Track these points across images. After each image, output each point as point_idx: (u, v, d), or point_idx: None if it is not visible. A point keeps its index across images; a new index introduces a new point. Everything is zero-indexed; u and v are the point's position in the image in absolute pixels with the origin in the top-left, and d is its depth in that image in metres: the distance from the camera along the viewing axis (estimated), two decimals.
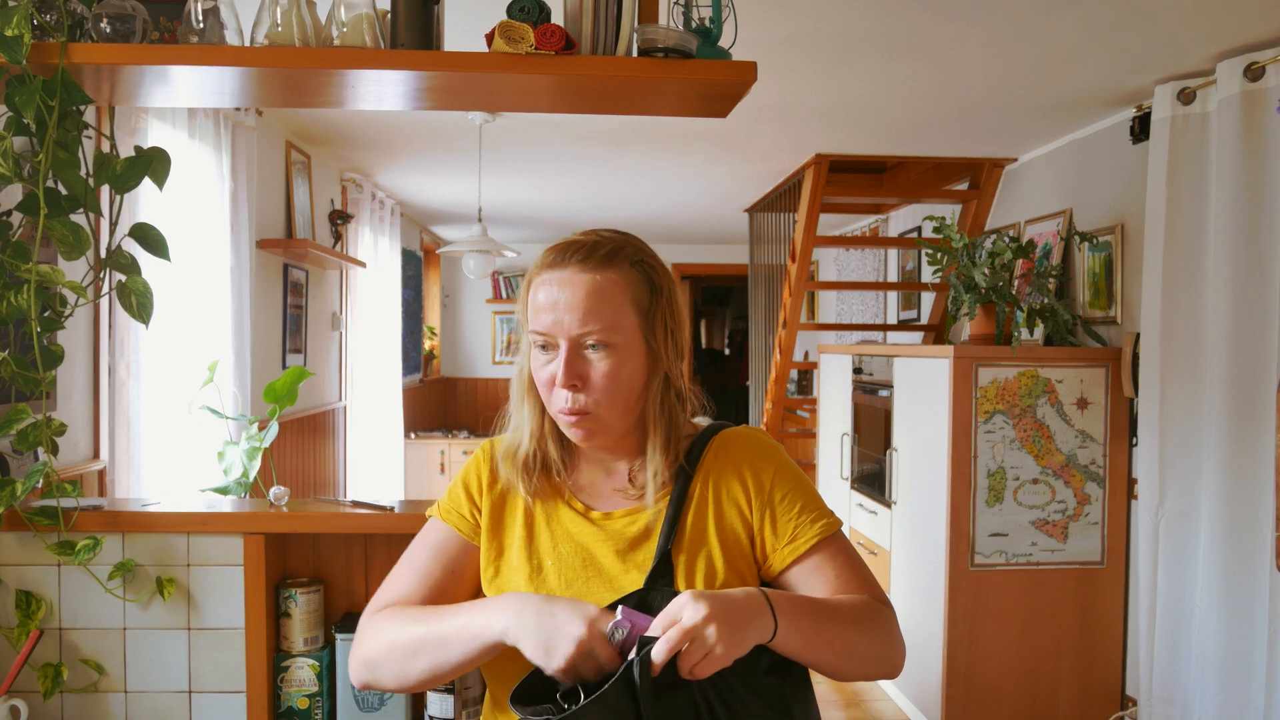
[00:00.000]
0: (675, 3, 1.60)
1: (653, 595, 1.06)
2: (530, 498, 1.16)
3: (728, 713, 0.99)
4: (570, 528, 1.15)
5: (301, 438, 4.08)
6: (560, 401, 1.10)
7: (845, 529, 4.27)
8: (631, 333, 1.10)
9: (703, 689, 0.98)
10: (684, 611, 0.95)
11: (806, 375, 6.95)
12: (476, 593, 1.18)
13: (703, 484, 1.15)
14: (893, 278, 5.66)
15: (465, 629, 1.05)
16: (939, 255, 3.51)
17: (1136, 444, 3.24)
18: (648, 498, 1.13)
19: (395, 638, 1.10)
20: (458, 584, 1.18)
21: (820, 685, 3.65)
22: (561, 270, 1.09)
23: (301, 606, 1.64)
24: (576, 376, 1.08)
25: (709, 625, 0.94)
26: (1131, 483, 3.29)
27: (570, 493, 1.18)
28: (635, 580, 1.10)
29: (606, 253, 1.10)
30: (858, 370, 4.12)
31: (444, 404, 8.01)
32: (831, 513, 1.16)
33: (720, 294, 11.49)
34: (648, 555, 1.11)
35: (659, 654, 0.93)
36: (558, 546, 1.14)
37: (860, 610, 1.08)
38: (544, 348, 1.10)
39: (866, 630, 1.08)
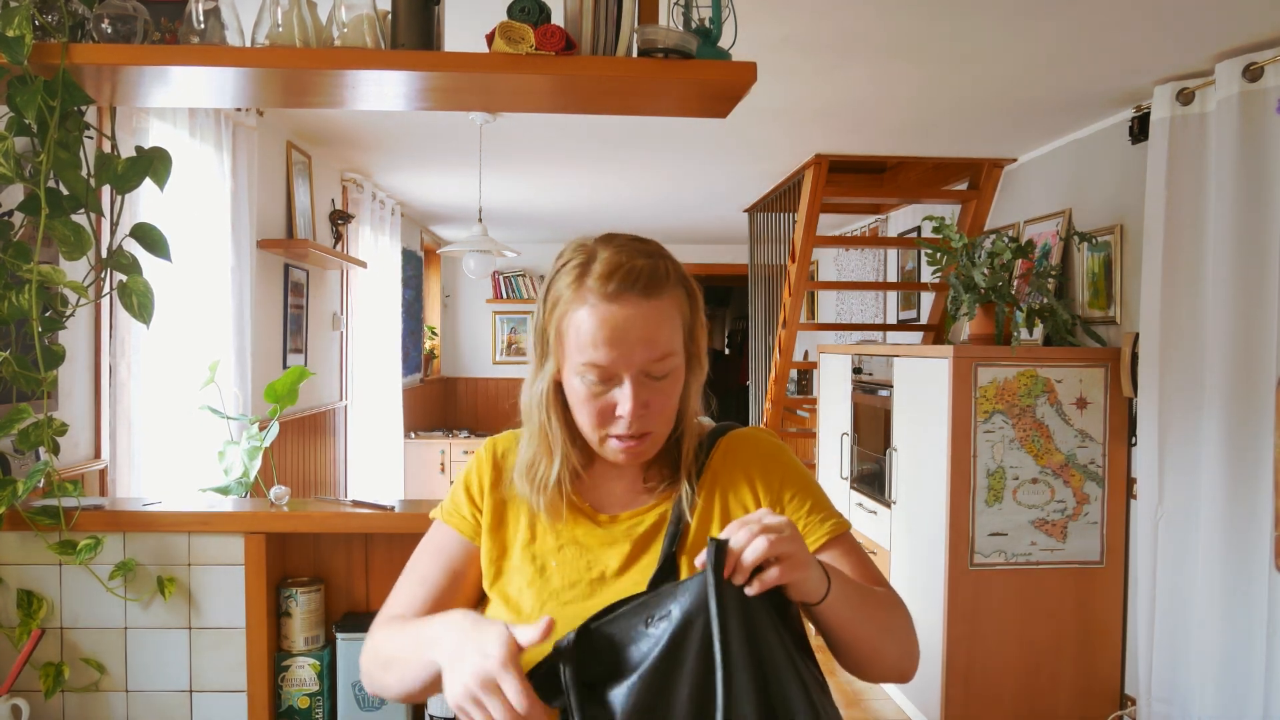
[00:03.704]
0: (675, 3, 1.60)
1: (656, 596, 1.04)
2: (546, 512, 1.14)
3: (784, 653, 0.94)
4: (575, 529, 1.13)
5: (302, 437, 4.08)
6: (620, 428, 1.07)
7: None
8: (681, 351, 1.10)
9: (760, 618, 0.92)
10: (765, 516, 0.92)
11: (806, 375, 6.95)
12: (479, 596, 1.17)
13: (709, 485, 1.14)
14: (892, 278, 5.66)
15: (418, 645, 1.02)
16: (938, 255, 3.51)
17: (1135, 444, 3.24)
18: (684, 497, 1.12)
19: (377, 649, 1.11)
20: (459, 588, 1.17)
21: None
22: (621, 304, 1.04)
23: (302, 606, 1.64)
24: (644, 406, 1.06)
25: (792, 529, 0.92)
26: (1131, 482, 3.29)
27: (575, 492, 1.16)
28: (639, 582, 1.08)
29: (661, 276, 1.06)
30: (857, 370, 4.12)
31: (444, 404, 8.01)
32: (840, 514, 1.15)
33: (720, 294, 11.48)
34: (652, 557, 1.10)
35: (740, 540, 0.89)
36: (562, 548, 1.12)
37: (888, 596, 1.09)
38: (601, 380, 1.06)
39: (895, 614, 1.09)
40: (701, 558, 0.90)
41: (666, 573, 1.08)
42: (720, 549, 0.89)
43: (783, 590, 0.93)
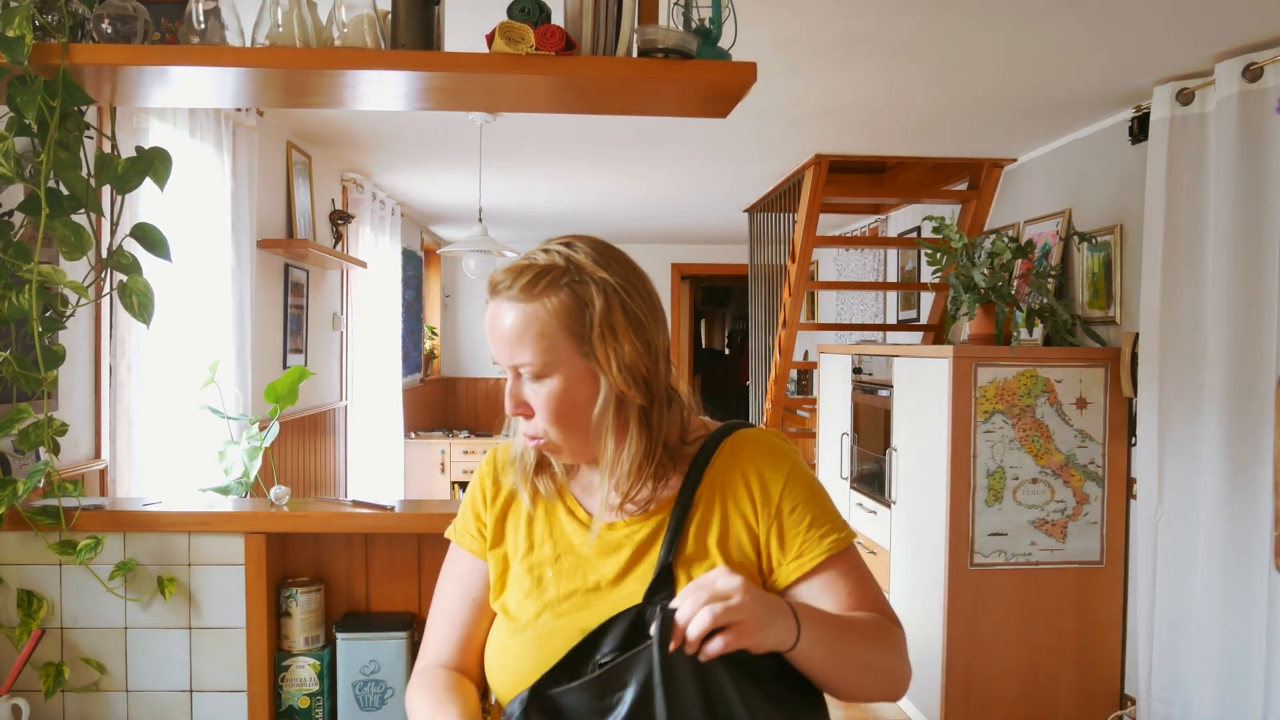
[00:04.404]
0: (675, 3, 1.60)
1: (650, 611, 1.02)
2: (534, 506, 1.15)
3: (745, 711, 0.95)
4: (573, 538, 1.12)
5: (302, 437, 4.09)
6: (520, 426, 1.11)
7: None
8: (569, 359, 1.05)
9: (718, 679, 0.93)
10: (717, 580, 0.92)
11: (806, 375, 6.95)
12: None
13: (709, 492, 1.10)
14: (892, 278, 5.66)
15: None
16: (938, 255, 3.51)
17: (1135, 444, 3.24)
18: (595, 525, 1.11)
19: (412, 715, 1.12)
20: (485, 616, 1.18)
21: None
22: (493, 299, 1.08)
23: (302, 606, 1.64)
24: (521, 405, 1.08)
25: (745, 595, 0.91)
26: (1130, 482, 3.29)
27: (573, 498, 1.15)
28: (635, 593, 1.06)
29: (530, 280, 1.05)
30: (857, 370, 4.12)
31: (444, 404, 8.01)
32: (845, 525, 1.11)
33: (720, 294, 11.50)
34: (648, 566, 1.08)
35: (685, 612, 0.89)
36: (560, 558, 1.12)
37: (876, 627, 1.06)
38: (503, 370, 1.10)
39: (881, 648, 1.06)
40: (654, 625, 0.91)
41: (662, 583, 1.06)
42: (666, 621, 0.89)
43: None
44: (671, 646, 0.89)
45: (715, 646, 0.89)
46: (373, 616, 1.68)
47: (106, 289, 1.61)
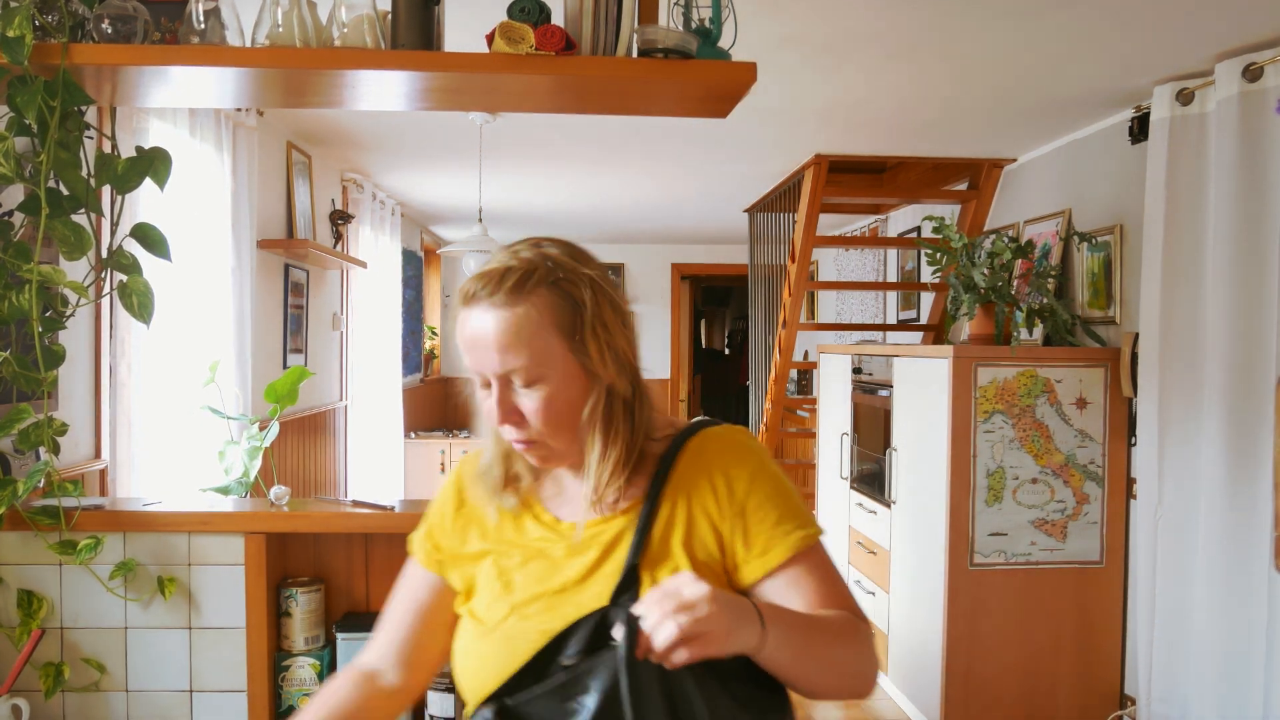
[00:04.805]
0: (675, 3, 1.60)
1: (615, 612, 1.00)
2: (500, 517, 1.15)
3: (709, 712, 0.95)
4: (539, 543, 1.12)
5: (302, 437, 4.09)
6: (508, 434, 1.08)
7: (845, 528, 4.28)
8: (561, 358, 1.04)
9: (683, 686, 0.93)
10: (684, 587, 0.90)
11: (806, 375, 6.95)
12: (453, 621, 1.17)
13: (675, 491, 1.09)
14: (892, 278, 5.66)
15: None
16: (938, 255, 3.51)
17: (1135, 443, 3.24)
18: (580, 523, 1.10)
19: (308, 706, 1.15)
20: (429, 628, 1.18)
21: None
22: (474, 307, 1.04)
23: (302, 606, 1.64)
24: (513, 413, 1.05)
25: (711, 604, 0.88)
26: (1130, 482, 3.29)
27: (540, 503, 1.15)
28: (600, 594, 1.05)
29: (516, 282, 1.02)
30: (857, 370, 4.12)
31: (444, 404, 8.01)
32: (812, 522, 1.09)
33: (720, 294, 11.50)
34: (615, 566, 1.06)
35: (651, 621, 0.87)
36: (527, 563, 1.11)
37: (843, 626, 1.05)
38: (482, 384, 1.07)
39: (848, 646, 1.04)
40: (619, 631, 0.90)
41: (628, 584, 1.04)
42: (632, 629, 0.88)
43: None
44: (638, 655, 0.88)
45: (681, 657, 0.88)
46: (373, 616, 1.67)
47: (106, 289, 1.62)
